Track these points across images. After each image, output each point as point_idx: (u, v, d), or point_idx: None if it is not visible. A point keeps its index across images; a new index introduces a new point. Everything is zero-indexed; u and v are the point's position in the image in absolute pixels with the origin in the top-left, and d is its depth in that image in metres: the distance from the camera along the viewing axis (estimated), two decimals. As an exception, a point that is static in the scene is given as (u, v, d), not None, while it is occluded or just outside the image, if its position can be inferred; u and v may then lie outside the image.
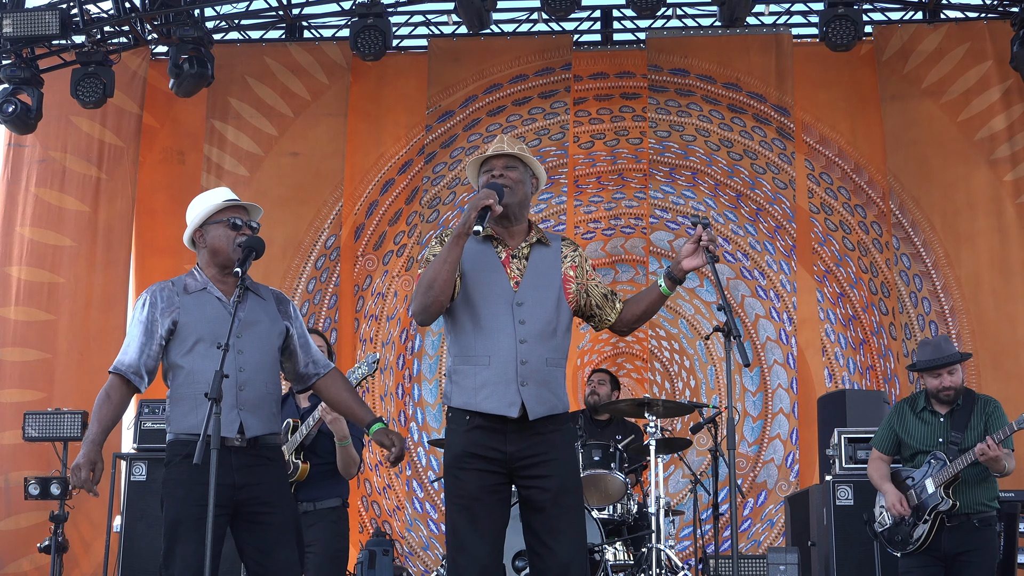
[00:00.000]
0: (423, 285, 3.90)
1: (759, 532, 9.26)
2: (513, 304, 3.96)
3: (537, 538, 3.91)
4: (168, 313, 4.20)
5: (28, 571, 9.27)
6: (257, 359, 4.23)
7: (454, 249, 3.88)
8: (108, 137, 10.19)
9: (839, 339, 9.61)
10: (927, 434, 5.72)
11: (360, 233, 10.16)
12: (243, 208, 4.36)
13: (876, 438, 5.96)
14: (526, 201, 4.11)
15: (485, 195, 3.89)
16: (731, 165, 9.87)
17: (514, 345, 3.92)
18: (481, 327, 3.95)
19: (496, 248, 4.06)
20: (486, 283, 3.99)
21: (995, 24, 9.68)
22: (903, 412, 5.85)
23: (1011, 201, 9.49)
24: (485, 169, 4.13)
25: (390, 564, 7.31)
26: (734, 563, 4.34)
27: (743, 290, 9.63)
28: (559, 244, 4.15)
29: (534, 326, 3.95)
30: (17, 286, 9.95)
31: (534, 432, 3.93)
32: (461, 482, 3.91)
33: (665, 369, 9.58)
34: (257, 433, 4.18)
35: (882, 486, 5.80)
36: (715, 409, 7.26)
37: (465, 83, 10.25)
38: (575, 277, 4.11)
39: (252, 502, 4.13)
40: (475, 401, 3.93)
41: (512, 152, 4.10)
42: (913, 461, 5.75)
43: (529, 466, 3.92)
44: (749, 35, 10.14)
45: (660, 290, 4.08)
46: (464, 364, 3.98)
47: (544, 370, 3.94)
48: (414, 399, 9.74)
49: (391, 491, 9.62)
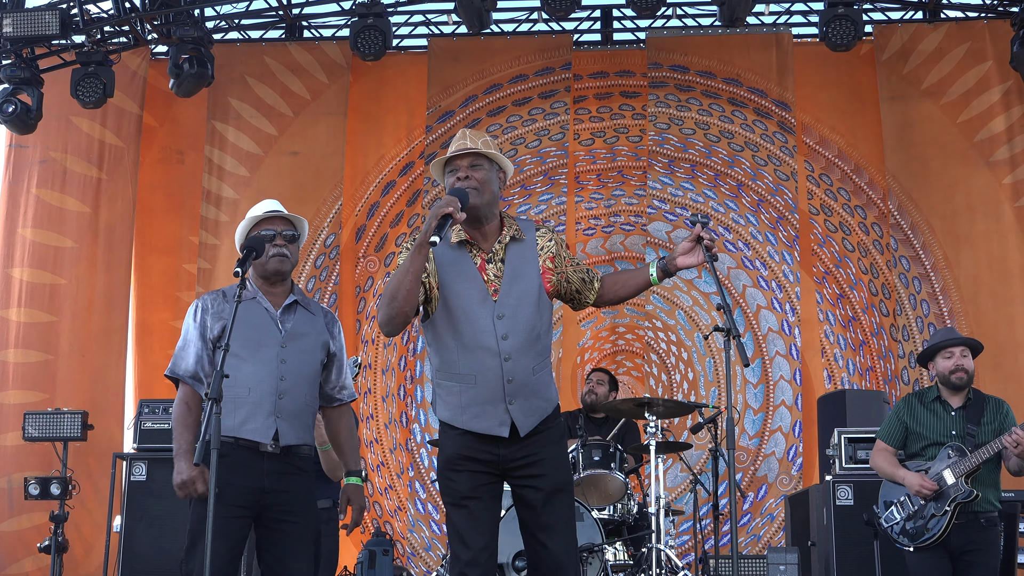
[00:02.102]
0: (387, 296, 3.81)
1: (759, 527, 9.26)
2: (494, 318, 3.91)
3: (532, 535, 3.96)
4: (218, 319, 4.30)
5: (30, 571, 9.28)
6: (299, 370, 4.32)
7: (416, 258, 3.78)
8: (108, 137, 10.19)
9: (839, 340, 9.61)
10: (940, 426, 5.61)
11: (361, 234, 10.16)
12: (285, 219, 4.43)
13: (883, 430, 5.83)
14: (495, 199, 4.02)
15: (446, 203, 3.75)
16: (732, 156, 9.87)
17: (499, 364, 3.88)
18: (464, 344, 3.91)
19: (471, 253, 3.98)
20: (465, 295, 3.92)
21: (995, 24, 9.68)
22: (912, 404, 5.74)
23: (1010, 204, 9.48)
24: (449, 169, 4.03)
25: (390, 564, 7.32)
26: (734, 563, 4.34)
27: (744, 280, 9.63)
28: (534, 235, 4.07)
29: (517, 338, 3.91)
30: (19, 288, 9.96)
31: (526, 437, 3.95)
32: (454, 483, 3.94)
33: (662, 361, 9.57)
34: (291, 442, 4.26)
35: (896, 473, 5.64)
36: (715, 408, 7.26)
37: (465, 83, 10.25)
38: (554, 268, 4.07)
39: (276, 509, 4.21)
40: (463, 419, 3.93)
41: (476, 150, 4.00)
42: (924, 455, 5.62)
43: (521, 466, 3.95)
44: (749, 34, 10.14)
45: (649, 279, 4.06)
46: (448, 380, 3.96)
47: (531, 381, 3.94)
48: (416, 400, 9.75)
49: (392, 492, 9.63)
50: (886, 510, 5.71)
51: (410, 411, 9.75)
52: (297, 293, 4.45)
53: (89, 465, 9.07)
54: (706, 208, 9.72)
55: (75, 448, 8.58)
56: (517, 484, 3.96)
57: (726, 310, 3.96)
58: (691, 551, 8.29)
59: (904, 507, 5.60)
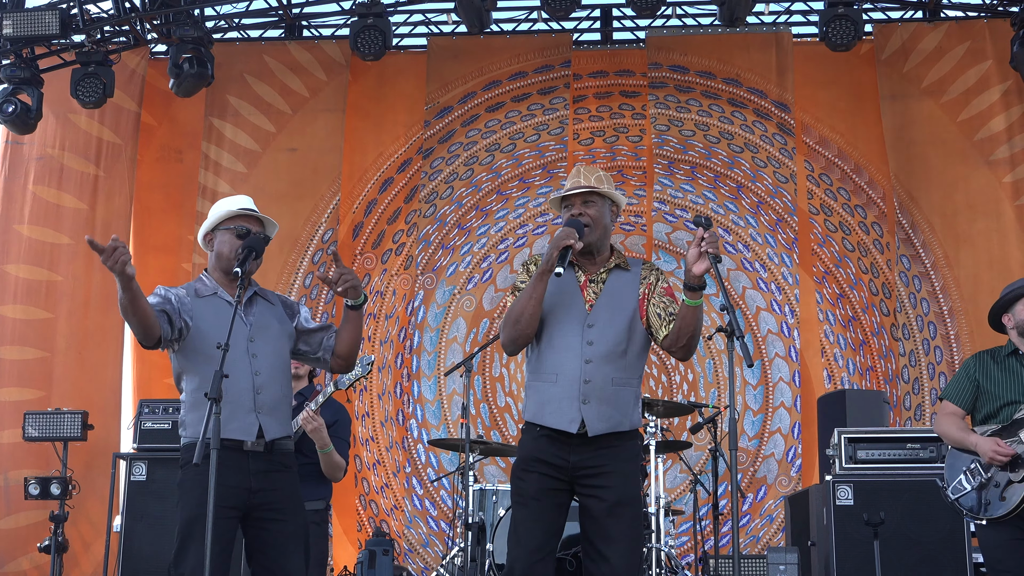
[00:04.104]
0: (511, 319, 4.14)
1: (758, 528, 9.27)
2: (584, 325, 4.15)
3: (592, 545, 4.06)
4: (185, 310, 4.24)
5: (27, 570, 9.26)
6: (271, 362, 4.29)
7: (539, 286, 4.09)
8: (106, 135, 10.17)
9: (839, 340, 9.60)
10: (1017, 384, 4.97)
11: (359, 232, 10.15)
12: (258, 220, 4.40)
13: (950, 389, 5.17)
14: (607, 233, 4.28)
15: (566, 235, 4.05)
16: (731, 157, 9.87)
17: (579, 364, 4.10)
18: (552, 346, 4.16)
19: (576, 273, 4.25)
20: (562, 305, 4.18)
21: (995, 23, 9.67)
22: (983, 361, 5.09)
23: (1010, 203, 9.49)
24: (565, 205, 4.28)
25: (390, 564, 7.33)
26: (735, 563, 4.33)
27: (744, 281, 9.63)
28: (639, 268, 4.30)
29: (602, 347, 4.12)
30: (15, 284, 9.94)
31: (598, 446, 4.10)
32: (523, 483, 4.12)
33: (662, 362, 9.57)
34: (275, 436, 4.24)
35: (966, 439, 4.94)
36: (715, 409, 7.27)
37: (464, 80, 10.24)
38: (648, 297, 4.24)
39: (264, 507, 4.18)
40: (541, 415, 4.15)
41: (590, 187, 4.22)
42: (998, 416, 4.95)
43: (590, 476, 4.09)
44: (749, 34, 10.14)
45: (685, 303, 4.10)
46: (536, 380, 4.20)
47: (609, 389, 4.10)
48: (413, 396, 9.74)
49: (388, 490, 9.62)
50: (954, 479, 5.00)
51: (406, 408, 9.74)
52: (254, 285, 4.39)
53: (85, 462, 9.05)
54: (705, 210, 9.72)
55: (75, 448, 8.57)
56: (583, 493, 4.10)
57: (729, 311, 4.01)
58: (691, 551, 8.30)
59: (975, 475, 4.92)
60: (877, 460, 6.78)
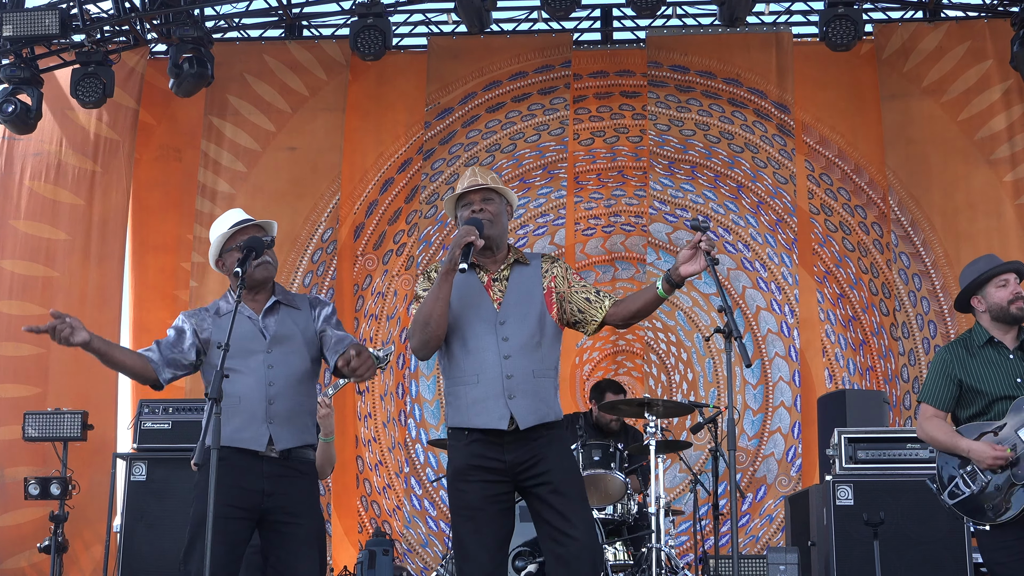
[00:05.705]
0: (419, 322, 4.12)
1: (757, 528, 9.27)
2: (496, 323, 4.15)
3: (553, 528, 4.03)
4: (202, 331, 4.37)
5: (25, 568, 9.24)
6: (288, 373, 4.34)
7: (443, 286, 4.09)
8: (103, 131, 10.15)
9: (839, 340, 9.60)
10: (1000, 375, 4.62)
11: (360, 232, 10.14)
12: (255, 227, 4.46)
13: (927, 391, 4.78)
14: (505, 231, 4.34)
15: (466, 231, 4.07)
16: (732, 157, 9.87)
17: (499, 361, 4.09)
18: (468, 349, 4.14)
19: (478, 274, 4.26)
20: (471, 307, 4.18)
21: (995, 23, 9.67)
22: (959, 355, 4.70)
23: (1011, 202, 9.49)
24: (463, 204, 4.30)
25: (390, 564, 7.33)
26: (735, 563, 4.33)
27: (744, 281, 9.62)
28: (539, 261, 4.34)
29: (517, 341, 4.13)
30: (11, 280, 9.91)
31: (530, 439, 4.08)
32: (464, 494, 4.07)
33: (662, 362, 9.57)
34: (289, 446, 4.29)
35: (958, 445, 4.59)
36: (715, 408, 7.26)
37: (464, 80, 10.24)
38: (555, 288, 4.27)
39: (278, 511, 4.24)
40: (468, 418, 4.11)
41: (487, 185, 4.26)
42: (988, 413, 4.63)
43: (529, 467, 4.07)
44: (749, 34, 10.13)
45: (657, 292, 4.15)
46: (456, 385, 4.16)
47: (531, 381, 4.11)
48: (412, 395, 9.74)
49: (391, 491, 9.62)
50: (949, 484, 4.67)
51: (407, 408, 9.74)
52: (279, 292, 4.47)
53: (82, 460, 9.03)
54: (706, 209, 9.71)
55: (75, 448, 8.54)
56: (527, 486, 4.08)
57: (727, 312, 4.00)
58: (691, 551, 8.29)
59: (974, 479, 4.59)
60: (877, 460, 6.79)
